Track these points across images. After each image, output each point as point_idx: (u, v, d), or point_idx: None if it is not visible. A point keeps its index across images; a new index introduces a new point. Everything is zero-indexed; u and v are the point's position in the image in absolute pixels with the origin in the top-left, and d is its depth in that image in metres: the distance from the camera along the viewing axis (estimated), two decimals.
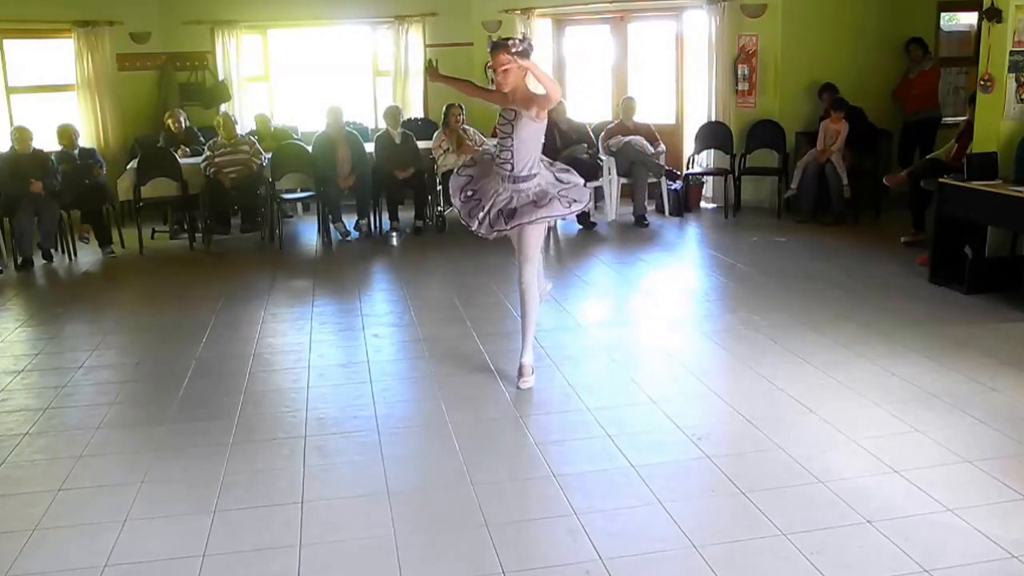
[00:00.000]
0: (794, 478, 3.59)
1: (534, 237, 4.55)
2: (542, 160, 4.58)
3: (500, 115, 4.50)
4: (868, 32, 9.16)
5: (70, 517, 3.49)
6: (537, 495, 3.57)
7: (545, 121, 4.43)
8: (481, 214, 4.47)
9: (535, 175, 4.45)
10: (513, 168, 4.42)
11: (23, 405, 4.74)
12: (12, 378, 5.16)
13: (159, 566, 3.14)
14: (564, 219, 4.52)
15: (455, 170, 4.68)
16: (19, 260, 8.00)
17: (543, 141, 4.52)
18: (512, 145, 4.40)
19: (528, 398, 4.57)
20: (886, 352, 5.02)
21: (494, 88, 4.45)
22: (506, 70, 4.26)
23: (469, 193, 4.54)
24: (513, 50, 4.21)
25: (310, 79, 11.15)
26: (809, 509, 3.36)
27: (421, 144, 9.02)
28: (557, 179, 4.54)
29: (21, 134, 8.27)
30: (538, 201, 4.39)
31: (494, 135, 4.59)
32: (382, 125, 9.35)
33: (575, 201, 4.54)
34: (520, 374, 4.70)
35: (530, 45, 4.31)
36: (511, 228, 4.42)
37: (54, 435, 4.33)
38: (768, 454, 3.82)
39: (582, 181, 4.67)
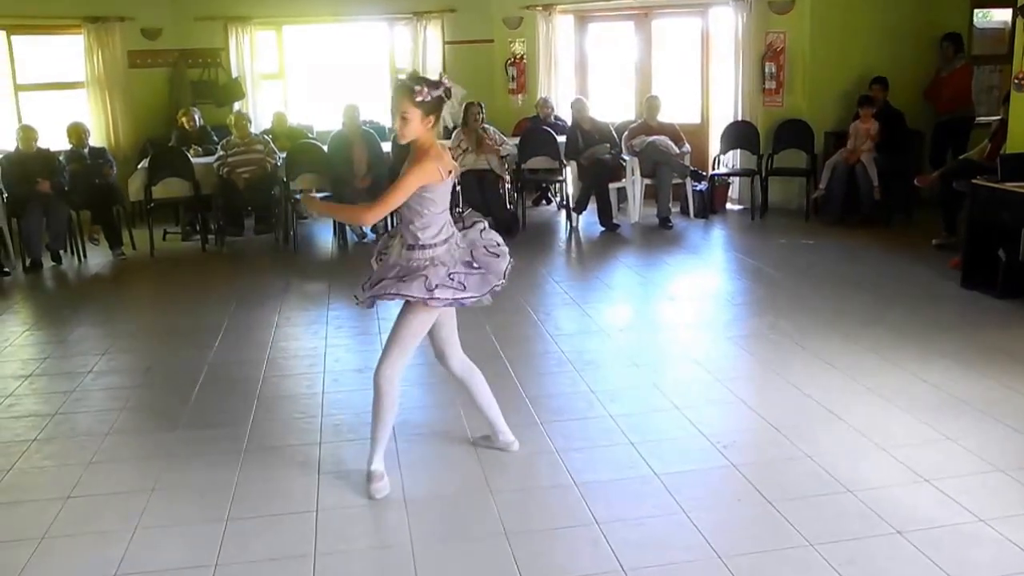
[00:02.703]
0: (822, 487, 3.51)
1: (414, 321, 3.58)
2: (472, 223, 3.76)
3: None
4: (899, 29, 9.00)
5: (80, 525, 3.45)
6: (558, 503, 3.50)
7: (451, 181, 3.58)
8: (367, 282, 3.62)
9: (436, 245, 3.55)
10: (406, 237, 3.56)
11: (32, 410, 4.71)
12: (20, 382, 5.14)
13: None
14: (427, 303, 3.51)
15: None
16: (28, 262, 7.99)
17: (447, 205, 3.61)
18: (403, 210, 3.54)
19: (549, 405, 4.50)
20: (916, 358, 4.90)
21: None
22: (404, 119, 3.43)
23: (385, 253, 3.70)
24: (417, 99, 3.40)
25: (326, 77, 11.10)
26: (837, 519, 3.28)
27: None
28: (472, 255, 3.64)
29: (26, 133, 8.27)
30: (407, 276, 3.50)
31: None
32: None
33: (458, 288, 3.55)
34: (369, 480, 3.65)
35: (446, 93, 3.49)
36: (364, 300, 3.57)
37: (63, 441, 4.29)
38: (795, 462, 3.74)
39: (503, 265, 3.71)
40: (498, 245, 3.75)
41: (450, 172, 3.56)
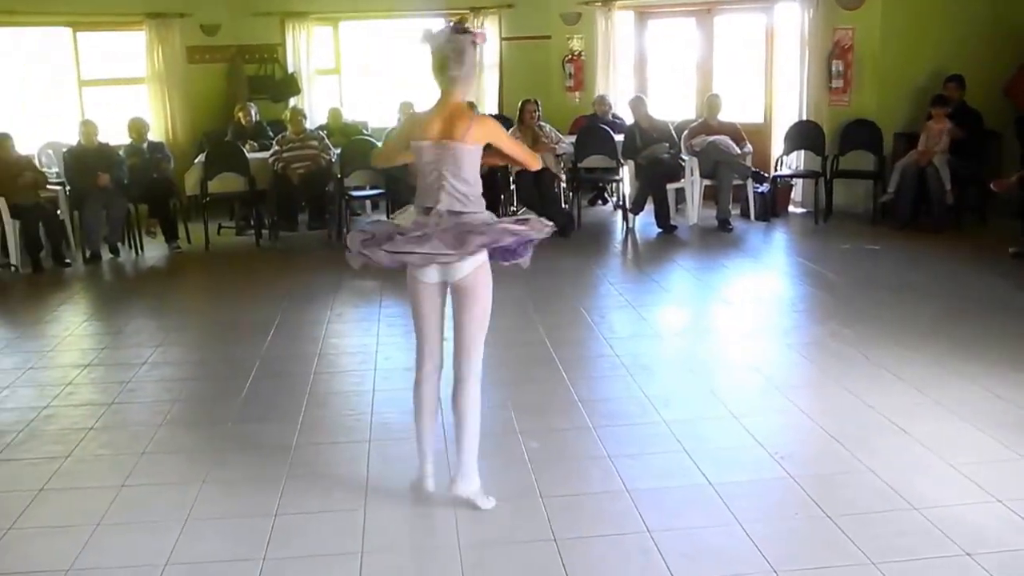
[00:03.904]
0: (884, 503, 3.40)
1: (486, 299, 3.36)
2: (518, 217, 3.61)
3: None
4: (977, 22, 8.65)
5: (132, 514, 3.51)
6: (609, 511, 3.45)
7: (415, 148, 3.37)
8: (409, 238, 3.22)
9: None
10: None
11: (89, 399, 4.80)
12: (79, 372, 5.24)
13: (219, 567, 3.13)
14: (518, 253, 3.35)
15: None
16: (87, 254, 8.16)
17: (423, 174, 3.36)
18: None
19: (601, 409, 4.43)
20: (988, 371, 4.71)
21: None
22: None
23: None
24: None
25: (382, 73, 11.11)
26: (900, 537, 3.16)
27: None
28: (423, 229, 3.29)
29: (87, 128, 8.45)
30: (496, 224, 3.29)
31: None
32: None
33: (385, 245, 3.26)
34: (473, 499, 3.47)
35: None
36: (471, 249, 3.20)
37: (118, 431, 4.37)
38: (856, 476, 3.63)
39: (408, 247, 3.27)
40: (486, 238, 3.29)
41: None
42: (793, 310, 6.22)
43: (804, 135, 9.15)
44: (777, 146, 9.52)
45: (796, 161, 9.39)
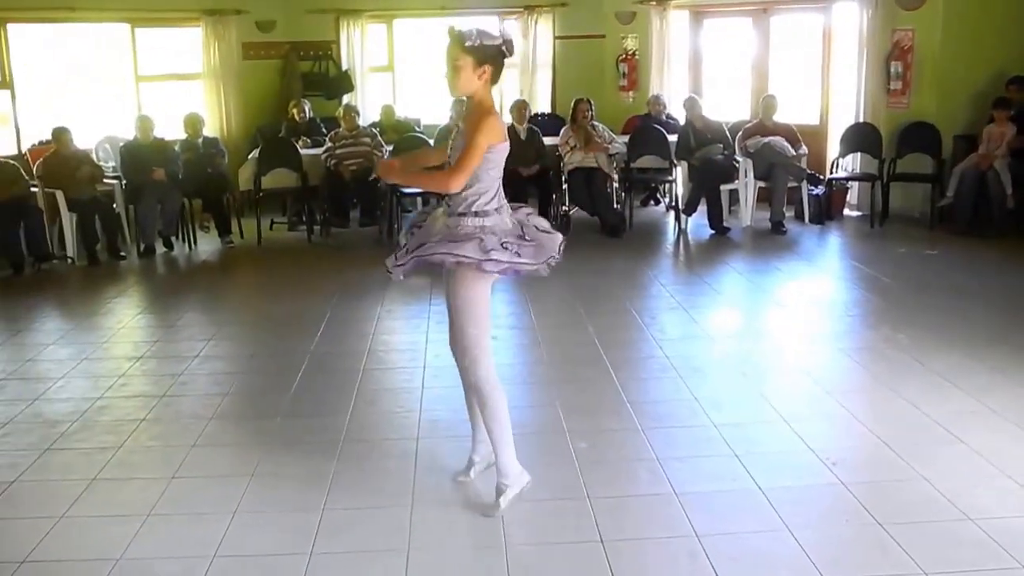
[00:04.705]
0: (938, 512, 3.33)
1: (469, 294, 3.31)
2: (517, 207, 3.53)
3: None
4: None
5: (182, 505, 3.55)
6: (656, 513, 3.42)
7: (502, 150, 3.36)
8: (404, 245, 3.42)
9: (488, 212, 3.34)
10: (454, 204, 3.34)
11: (141, 391, 4.88)
12: (132, 364, 5.33)
13: (266, 561, 3.15)
14: (484, 270, 3.25)
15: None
16: (142, 247, 8.30)
17: (501, 171, 3.42)
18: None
19: (651, 411, 4.39)
20: None
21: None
22: (456, 67, 3.27)
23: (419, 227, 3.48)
24: (466, 43, 3.24)
25: (435, 70, 11.14)
26: (954, 547, 3.09)
27: (547, 140, 8.87)
28: (522, 230, 3.40)
29: (143, 123, 8.59)
30: (457, 240, 3.27)
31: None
32: (507, 120, 9.24)
33: (515, 254, 3.29)
34: (498, 492, 3.48)
35: (506, 47, 3.32)
36: (405, 262, 3.34)
37: (169, 423, 4.42)
38: (909, 484, 3.56)
39: (557, 242, 3.44)
40: (549, 227, 3.52)
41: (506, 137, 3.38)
42: (847, 314, 6.12)
43: (861, 137, 8.99)
44: (833, 148, 9.36)
45: (852, 163, 9.24)
